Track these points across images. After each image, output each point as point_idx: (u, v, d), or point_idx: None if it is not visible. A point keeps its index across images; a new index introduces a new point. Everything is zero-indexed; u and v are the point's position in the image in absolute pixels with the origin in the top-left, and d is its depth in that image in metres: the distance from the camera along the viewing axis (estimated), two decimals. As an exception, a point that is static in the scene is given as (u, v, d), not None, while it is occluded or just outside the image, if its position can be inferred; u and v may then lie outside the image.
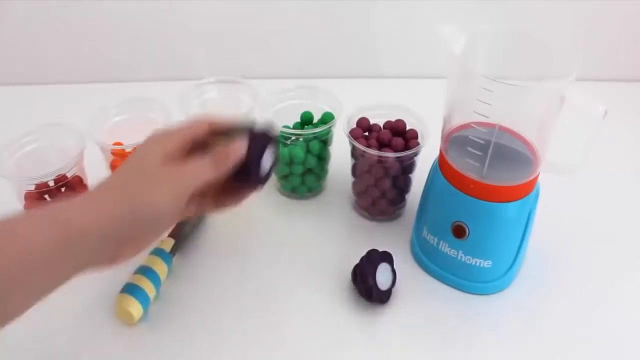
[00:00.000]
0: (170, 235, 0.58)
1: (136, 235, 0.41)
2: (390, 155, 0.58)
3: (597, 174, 0.63)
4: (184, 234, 0.60)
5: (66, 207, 0.38)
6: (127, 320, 0.52)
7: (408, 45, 0.87)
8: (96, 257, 0.39)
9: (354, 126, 0.62)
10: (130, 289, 0.52)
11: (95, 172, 0.62)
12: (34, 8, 0.82)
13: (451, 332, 0.53)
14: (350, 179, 0.65)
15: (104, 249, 0.39)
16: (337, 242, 0.62)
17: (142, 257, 0.55)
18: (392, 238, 0.62)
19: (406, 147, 0.60)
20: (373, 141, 0.60)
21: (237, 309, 0.55)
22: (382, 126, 0.63)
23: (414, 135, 0.61)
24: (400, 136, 0.61)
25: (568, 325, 0.54)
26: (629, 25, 0.86)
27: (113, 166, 0.62)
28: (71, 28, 0.85)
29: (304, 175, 0.65)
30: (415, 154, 0.60)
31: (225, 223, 0.64)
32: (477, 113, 0.49)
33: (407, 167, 0.60)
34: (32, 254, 0.35)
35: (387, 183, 0.60)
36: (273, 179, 0.68)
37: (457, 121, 0.53)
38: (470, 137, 0.50)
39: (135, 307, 0.51)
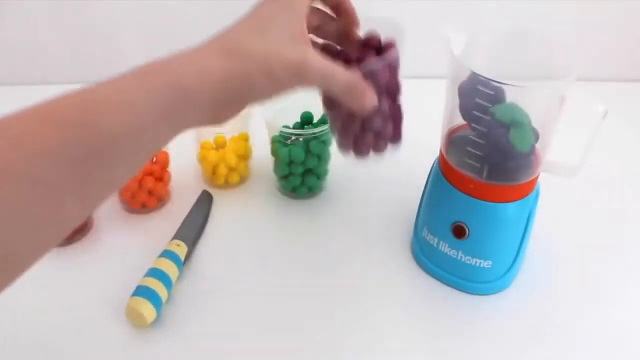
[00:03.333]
0: (180, 239, 0.58)
1: (246, 94, 0.37)
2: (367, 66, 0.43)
3: (597, 174, 0.63)
4: (193, 238, 0.60)
5: (175, 65, 0.35)
6: (139, 322, 0.51)
7: (408, 45, 0.87)
8: (200, 118, 0.36)
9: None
10: (143, 292, 0.52)
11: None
12: (34, 8, 0.82)
13: (451, 332, 0.53)
14: (350, 178, 0.64)
15: (210, 110, 0.36)
16: (337, 242, 0.62)
17: (151, 260, 0.55)
18: (392, 238, 0.62)
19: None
20: (339, 62, 0.42)
21: (243, 309, 0.55)
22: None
23: (391, 45, 0.48)
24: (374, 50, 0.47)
25: (568, 325, 0.54)
26: (629, 25, 0.86)
27: (113, 166, 0.62)
28: (71, 28, 0.85)
29: (304, 175, 0.65)
30: (395, 61, 0.46)
31: (227, 224, 0.64)
32: (477, 113, 0.49)
33: (390, 86, 0.47)
34: (140, 121, 0.32)
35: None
36: (273, 178, 0.68)
37: (457, 121, 0.53)
38: (470, 137, 0.50)
39: (148, 310, 0.51)
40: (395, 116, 0.49)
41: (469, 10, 0.82)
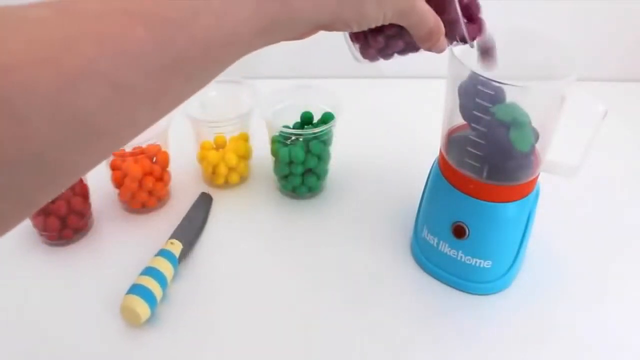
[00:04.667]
0: (176, 238, 0.58)
1: (352, 20, 0.36)
2: None
3: (597, 174, 0.63)
4: (190, 237, 0.60)
5: None
6: (133, 321, 0.51)
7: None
8: (294, 35, 0.36)
9: None
10: (138, 290, 0.52)
11: (95, 171, 0.62)
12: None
13: (451, 332, 0.53)
14: (350, 178, 0.64)
15: (311, 27, 0.35)
16: (337, 242, 0.62)
17: (147, 258, 0.55)
18: (392, 238, 0.62)
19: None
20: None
21: (242, 308, 0.55)
22: None
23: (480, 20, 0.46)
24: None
25: (568, 325, 0.54)
26: (629, 25, 0.86)
27: (113, 166, 0.62)
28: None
29: (304, 175, 0.65)
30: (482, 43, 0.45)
31: (227, 223, 0.64)
32: (477, 113, 0.49)
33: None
34: (239, 33, 0.30)
35: (400, 45, 0.44)
36: (273, 178, 0.68)
37: (457, 121, 0.53)
38: (470, 137, 0.50)
39: (142, 308, 0.51)
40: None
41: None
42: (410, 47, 0.45)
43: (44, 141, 0.24)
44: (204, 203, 0.65)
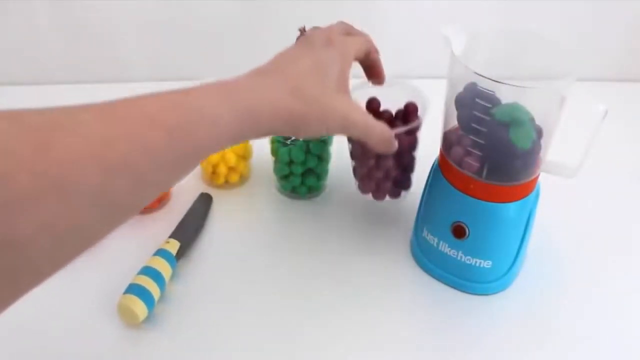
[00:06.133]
0: (174, 238, 0.58)
1: (299, 132, 0.43)
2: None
3: (597, 174, 0.63)
4: (188, 236, 0.60)
5: (249, 91, 0.39)
6: (131, 320, 0.51)
7: (408, 45, 0.87)
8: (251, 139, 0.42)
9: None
10: (135, 290, 0.52)
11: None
12: (34, 8, 0.82)
13: (451, 333, 0.53)
14: (350, 178, 0.65)
15: (264, 135, 0.41)
16: (337, 242, 0.62)
17: (145, 258, 0.55)
18: (392, 238, 0.62)
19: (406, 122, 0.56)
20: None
21: (241, 308, 0.55)
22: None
23: (413, 109, 0.57)
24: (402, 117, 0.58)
25: (569, 325, 0.54)
26: (629, 25, 0.86)
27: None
28: (71, 28, 0.85)
29: (304, 175, 0.65)
30: (417, 129, 0.56)
31: (227, 223, 0.64)
32: (477, 113, 0.49)
33: (410, 144, 0.56)
34: (221, 136, 0.37)
35: (389, 162, 0.56)
36: (273, 178, 0.68)
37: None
38: (470, 137, 0.50)
39: (140, 308, 0.51)
40: (409, 166, 0.58)
41: (469, 10, 0.82)
42: (399, 161, 0.56)
43: (85, 219, 0.30)
44: (203, 203, 0.65)
